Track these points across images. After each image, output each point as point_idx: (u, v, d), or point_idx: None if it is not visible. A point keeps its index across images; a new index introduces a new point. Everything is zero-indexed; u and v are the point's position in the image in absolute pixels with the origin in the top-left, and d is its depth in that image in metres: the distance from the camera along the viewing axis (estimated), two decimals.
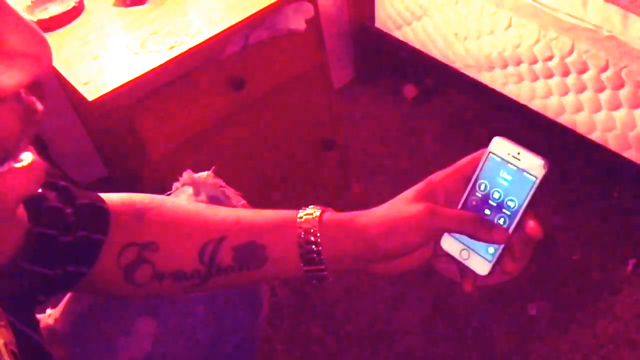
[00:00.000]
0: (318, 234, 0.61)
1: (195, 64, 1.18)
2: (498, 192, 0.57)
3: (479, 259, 0.58)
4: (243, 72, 1.25)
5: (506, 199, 0.56)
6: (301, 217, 0.62)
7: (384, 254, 0.60)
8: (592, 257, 1.52)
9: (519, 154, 0.56)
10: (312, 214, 0.62)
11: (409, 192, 0.61)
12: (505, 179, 0.57)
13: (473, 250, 0.58)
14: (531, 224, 0.56)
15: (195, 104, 1.23)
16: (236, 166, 1.37)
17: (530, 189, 0.55)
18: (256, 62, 1.27)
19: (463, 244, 0.59)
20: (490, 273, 0.58)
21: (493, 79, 1.61)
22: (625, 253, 1.51)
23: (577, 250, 1.54)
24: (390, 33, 1.85)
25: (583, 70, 1.37)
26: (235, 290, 0.79)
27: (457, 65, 1.68)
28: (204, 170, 0.84)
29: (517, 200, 0.56)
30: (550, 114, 1.50)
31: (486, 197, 0.58)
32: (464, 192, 0.59)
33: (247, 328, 0.82)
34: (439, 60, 1.74)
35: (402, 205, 0.60)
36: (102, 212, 0.65)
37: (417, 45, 1.78)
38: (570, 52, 1.37)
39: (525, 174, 0.55)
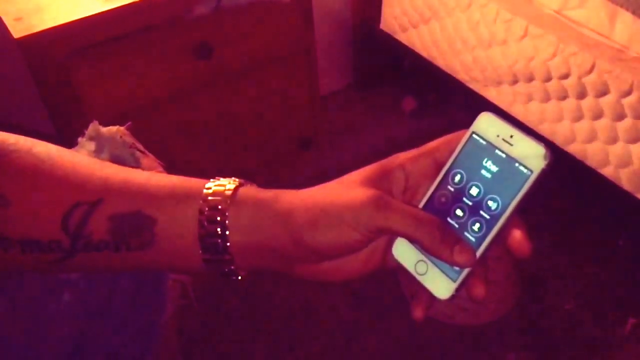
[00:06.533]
0: (227, 213, 0.44)
1: (155, 20, 1.02)
2: (477, 186, 0.42)
3: (440, 276, 0.42)
4: (211, 38, 1.09)
5: (487, 198, 0.41)
6: (209, 188, 0.45)
7: (311, 251, 0.43)
8: (587, 310, 1.36)
9: (512, 137, 0.41)
10: (224, 185, 0.46)
11: (356, 173, 0.45)
12: (489, 170, 0.41)
13: (433, 263, 0.42)
14: (517, 235, 0.40)
15: (151, 67, 1.07)
16: (192, 149, 1.20)
17: (522, 187, 0.40)
18: (229, 30, 1.11)
19: (421, 253, 0.42)
20: (452, 297, 0.42)
21: (500, 96, 1.44)
22: (625, 310, 1.35)
23: (571, 299, 1.38)
24: (394, 36, 1.69)
25: (602, 93, 1.20)
26: (125, 278, 0.60)
27: (462, 77, 1.52)
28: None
29: (502, 200, 0.40)
30: (558, 140, 1.33)
31: (460, 193, 0.42)
32: (432, 183, 0.43)
33: (137, 329, 0.63)
34: (443, 71, 1.58)
35: (342, 188, 0.44)
36: None
37: (422, 52, 1.62)
38: (590, 70, 1.20)
39: (517, 165, 0.40)
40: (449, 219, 0.42)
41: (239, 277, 0.46)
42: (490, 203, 0.40)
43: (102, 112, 1.04)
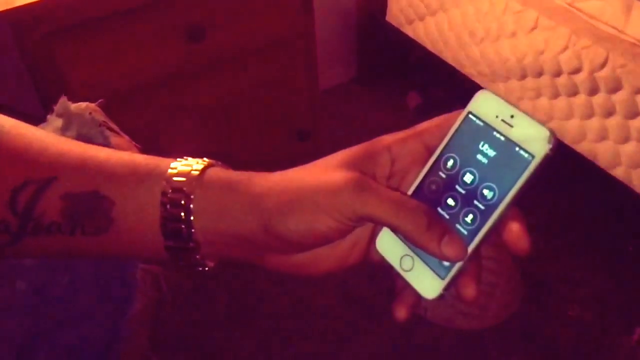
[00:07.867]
0: (192, 196, 0.39)
1: None
2: (472, 173, 0.37)
3: (427, 273, 0.37)
4: (204, 19, 1.04)
5: (482, 186, 0.36)
6: (174, 168, 0.41)
7: (282, 240, 0.38)
8: (592, 317, 1.31)
9: (512, 117, 0.36)
10: (191, 165, 0.41)
11: (337, 154, 0.40)
12: (485, 155, 0.37)
13: (420, 258, 0.37)
14: (514, 229, 0.36)
15: (139, 49, 1.02)
16: (182, 135, 1.15)
17: (522, 174, 0.35)
18: (223, 10, 1.06)
19: (408, 247, 0.38)
20: (440, 296, 0.37)
21: (507, 92, 1.39)
22: (632, 319, 1.30)
23: (575, 305, 1.33)
24: (400, 28, 1.64)
25: (615, 89, 1.14)
26: (87, 267, 0.56)
27: (469, 71, 1.47)
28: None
29: (499, 189, 0.36)
30: (567, 139, 1.27)
31: (453, 180, 0.37)
32: (422, 168, 0.39)
33: (101, 322, 0.58)
34: (449, 65, 1.52)
35: (320, 171, 0.39)
36: None
37: (428, 45, 1.57)
38: (603, 65, 1.14)
39: (517, 149, 0.35)
40: (439, 209, 0.37)
41: (206, 268, 0.42)
42: (485, 192, 0.36)
43: (88, 93, 0.99)
